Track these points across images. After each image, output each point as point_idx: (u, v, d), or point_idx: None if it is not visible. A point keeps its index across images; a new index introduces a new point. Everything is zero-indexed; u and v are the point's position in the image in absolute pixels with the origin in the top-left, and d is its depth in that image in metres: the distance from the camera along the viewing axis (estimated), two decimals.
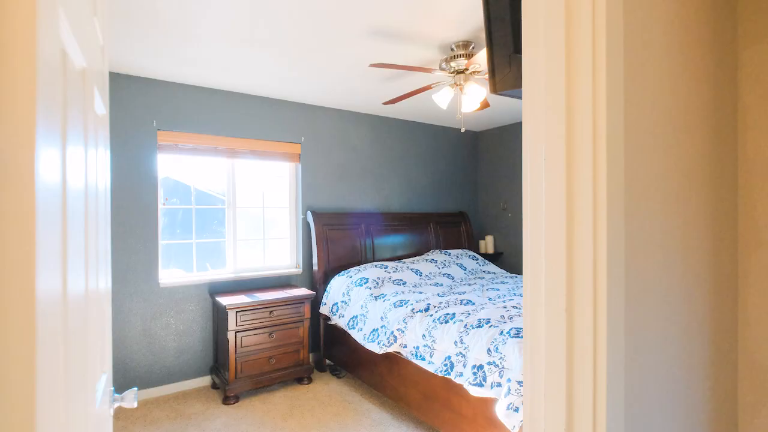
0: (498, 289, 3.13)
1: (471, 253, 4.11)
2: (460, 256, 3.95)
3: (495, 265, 4.29)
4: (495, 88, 1.05)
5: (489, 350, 2.09)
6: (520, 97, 1.10)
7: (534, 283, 0.72)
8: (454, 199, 4.61)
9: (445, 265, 3.72)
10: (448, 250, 4.03)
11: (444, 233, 4.28)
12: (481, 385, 2.03)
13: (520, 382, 1.86)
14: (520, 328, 2.13)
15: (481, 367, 2.07)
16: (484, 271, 3.87)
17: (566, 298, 0.68)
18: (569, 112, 0.67)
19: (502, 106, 3.76)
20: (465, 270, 3.78)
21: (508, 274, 3.81)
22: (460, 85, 2.48)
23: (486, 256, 4.52)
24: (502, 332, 2.13)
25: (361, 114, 3.86)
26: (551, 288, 0.69)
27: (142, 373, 2.76)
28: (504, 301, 2.74)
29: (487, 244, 4.59)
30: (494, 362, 2.03)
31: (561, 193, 0.69)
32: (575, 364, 0.67)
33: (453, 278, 3.57)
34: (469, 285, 3.34)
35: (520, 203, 4.41)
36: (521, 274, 4.31)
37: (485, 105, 2.94)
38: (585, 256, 0.66)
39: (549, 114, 0.70)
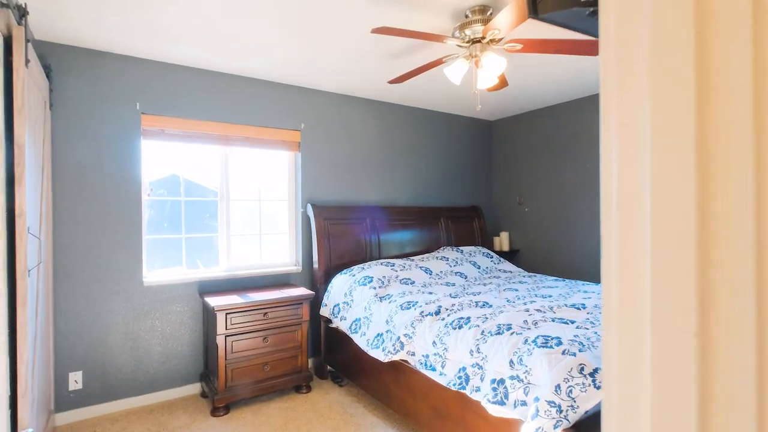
0: (517, 290, 2.82)
1: (485, 250, 3.80)
2: (473, 254, 3.64)
3: (511, 263, 3.97)
4: (535, 11, 0.75)
5: (511, 362, 1.78)
6: (568, 25, 0.80)
7: (625, 290, 0.42)
8: (467, 192, 4.29)
9: (457, 263, 3.42)
10: (460, 247, 3.72)
11: (455, 229, 3.97)
12: (502, 403, 1.73)
13: (550, 402, 1.56)
14: (549, 337, 1.82)
15: (501, 381, 1.77)
16: (499, 270, 3.56)
17: (697, 316, 0.38)
18: (700, 25, 0.37)
19: (519, 90, 3.43)
20: (479, 268, 3.47)
21: (526, 273, 3.49)
22: (475, 56, 2.17)
23: (501, 253, 4.20)
24: (526, 341, 1.82)
25: (365, 100, 3.57)
26: (666, 300, 0.39)
27: (123, 380, 2.52)
28: (525, 303, 2.43)
29: (502, 240, 4.27)
30: (518, 376, 1.73)
31: (686, 163, 0.39)
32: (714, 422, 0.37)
33: (466, 277, 3.26)
34: (484, 285, 3.03)
35: (538, 197, 4.08)
36: (540, 273, 4.01)
37: (503, 83, 2.63)
38: (739, 254, 0.36)
39: (658, 37, 0.40)
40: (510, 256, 4.25)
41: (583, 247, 3.70)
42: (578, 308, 2.32)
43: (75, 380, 2.36)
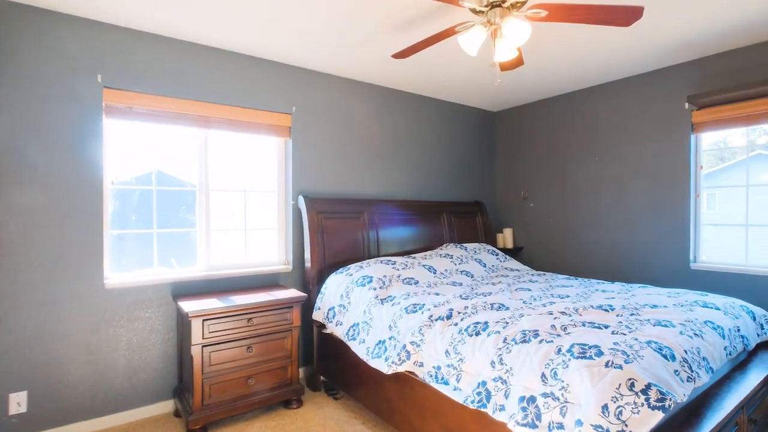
0: (529, 290, 2.56)
1: (489, 247, 3.54)
2: (477, 251, 3.38)
3: (516, 260, 3.72)
4: None
5: (543, 376, 1.50)
6: None
7: None
8: (469, 186, 4.03)
9: (462, 260, 3.14)
10: (464, 244, 3.44)
11: (458, 225, 3.70)
12: (533, 425, 1.45)
13: (597, 426, 1.28)
14: (585, 345, 1.55)
15: (532, 399, 1.49)
16: (505, 268, 3.30)
17: None
18: None
19: (526, 80, 3.18)
20: (485, 267, 3.20)
21: (534, 272, 3.24)
22: (494, 24, 1.89)
23: (505, 251, 3.95)
24: (559, 350, 1.55)
25: (364, 84, 3.26)
26: None
27: (79, 400, 2.14)
28: (545, 305, 2.16)
29: (506, 237, 4.02)
30: (552, 393, 1.45)
31: None
32: None
33: (473, 276, 2.99)
34: (494, 284, 2.75)
35: (543, 192, 3.84)
36: (548, 271, 3.76)
37: (519, 62, 2.36)
38: None
39: None
40: (514, 253, 4.01)
41: (591, 245, 3.47)
42: (606, 310, 2.06)
43: (17, 402, 1.98)
